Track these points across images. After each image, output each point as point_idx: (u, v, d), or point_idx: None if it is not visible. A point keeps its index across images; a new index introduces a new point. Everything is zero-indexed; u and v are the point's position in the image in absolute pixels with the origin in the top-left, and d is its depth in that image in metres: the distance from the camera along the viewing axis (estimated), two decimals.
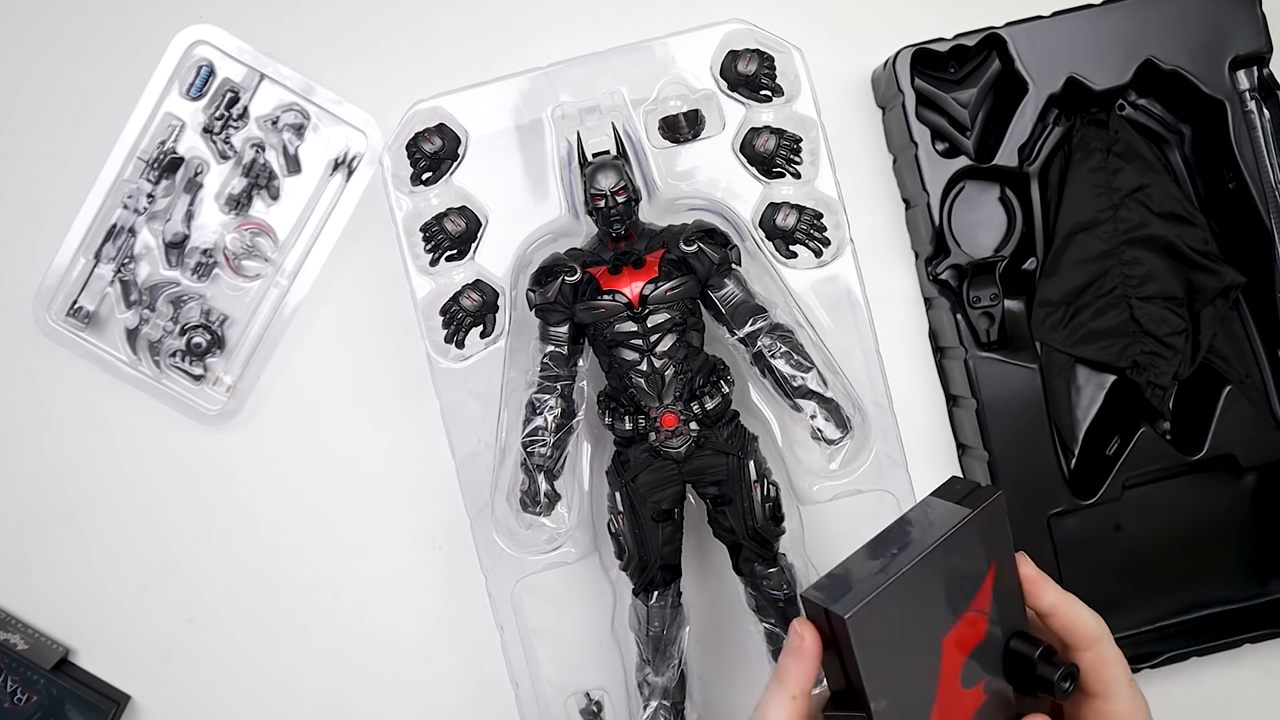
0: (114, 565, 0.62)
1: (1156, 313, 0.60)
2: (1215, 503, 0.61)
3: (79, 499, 0.62)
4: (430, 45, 0.63)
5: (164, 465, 0.62)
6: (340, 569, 0.63)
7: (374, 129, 0.60)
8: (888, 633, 0.38)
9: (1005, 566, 0.41)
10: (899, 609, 0.38)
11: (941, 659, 0.39)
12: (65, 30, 0.63)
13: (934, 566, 0.39)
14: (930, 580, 0.39)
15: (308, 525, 0.62)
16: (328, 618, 0.63)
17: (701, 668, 0.58)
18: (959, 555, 0.39)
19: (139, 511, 0.62)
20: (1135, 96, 0.62)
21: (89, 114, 0.62)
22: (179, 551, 0.62)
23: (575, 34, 0.62)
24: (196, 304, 0.61)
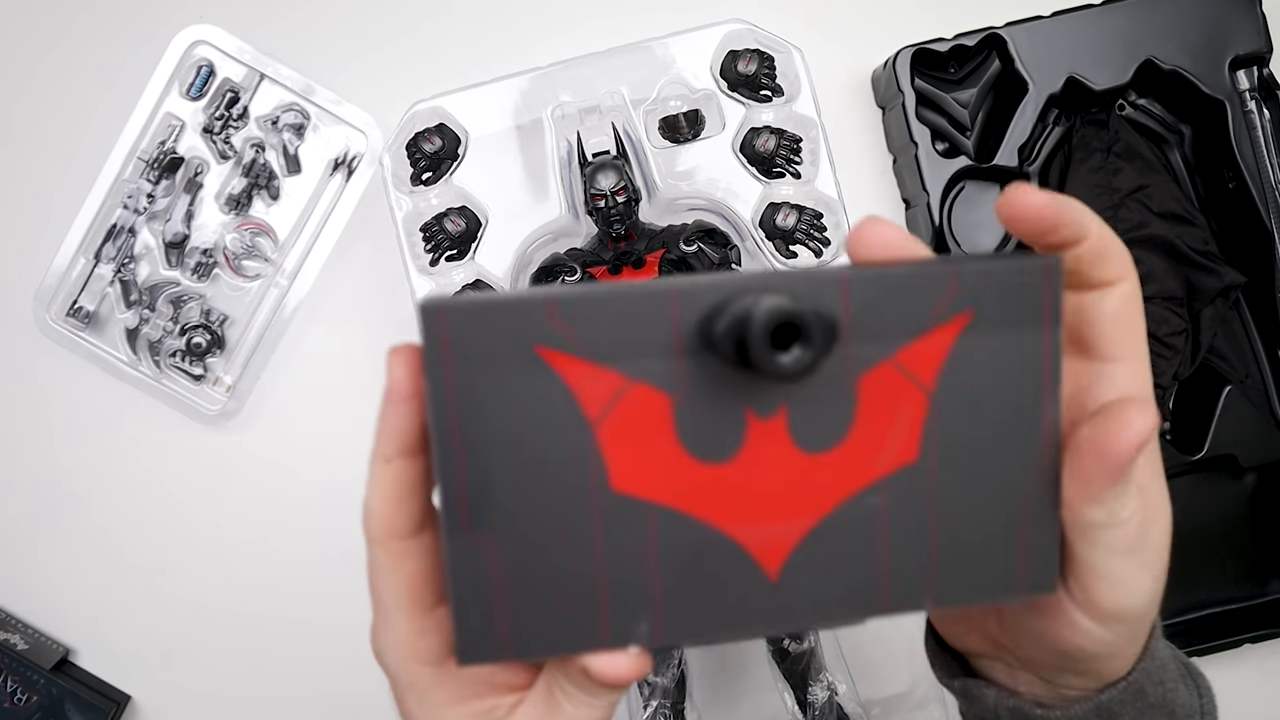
0: (114, 565, 0.62)
1: (1156, 313, 0.60)
2: (1215, 503, 0.61)
3: (79, 499, 0.62)
4: (430, 45, 0.63)
5: (164, 465, 0.62)
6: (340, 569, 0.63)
7: (374, 129, 0.60)
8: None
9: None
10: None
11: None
12: (65, 31, 0.63)
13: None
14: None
15: (308, 525, 0.62)
16: (328, 617, 0.63)
17: (701, 668, 0.58)
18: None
19: (139, 511, 0.62)
20: (1135, 96, 0.62)
21: (89, 114, 0.62)
22: (179, 551, 0.62)
23: (575, 34, 0.62)
24: (196, 304, 0.61)
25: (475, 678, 0.30)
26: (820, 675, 0.56)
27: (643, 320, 0.26)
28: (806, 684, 0.56)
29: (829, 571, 0.27)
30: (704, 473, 0.27)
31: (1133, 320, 0.30)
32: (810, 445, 0.27)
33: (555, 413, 0.26)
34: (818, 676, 0.56)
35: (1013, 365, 0.28)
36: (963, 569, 0.28)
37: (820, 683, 0.56)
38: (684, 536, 0.27)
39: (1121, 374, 0.30)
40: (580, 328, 0.26)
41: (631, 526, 0.27)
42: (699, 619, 0.27)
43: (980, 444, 0.28)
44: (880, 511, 0.27)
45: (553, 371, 0.26)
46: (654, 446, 0.26)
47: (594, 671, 0.27)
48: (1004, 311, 0.27)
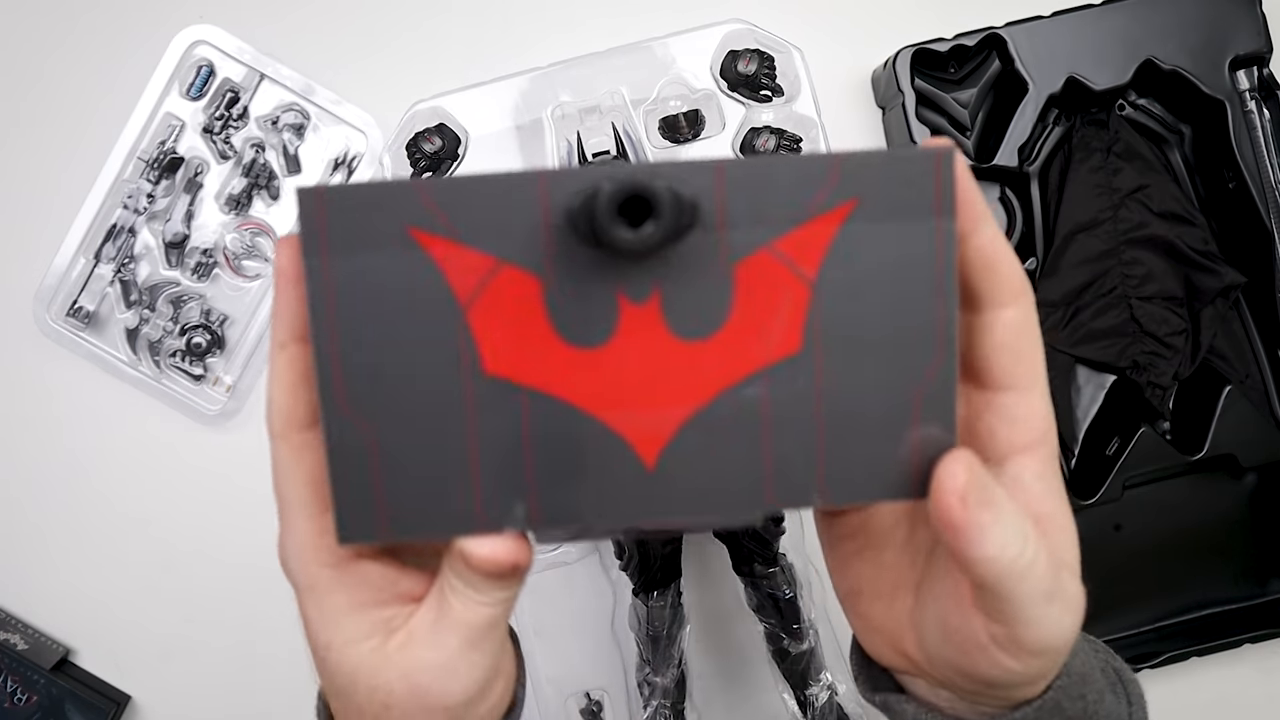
0: (114, 565, 0.62)
1: (1157, 313, 0.60)
2: (1215, 503, 0.61)
3: (78, 499, 0.62)
4: (430, 45, 0.63)
5: (164, 465, 0.62)
6: None
7: (374, 129, 0.60)
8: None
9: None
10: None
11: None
12: (66, 31, 0.63)
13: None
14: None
15: None
16: None
17: (701, 668, 0.58)
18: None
19: (139, 511, 0.62)
20: (1135, 96, 0.62)
21: (89, 114, 0.62)
22: (179, 551, 0.62)
23: (575, 34, 0.62)
24: (196, 304, 0.61)
25: (373, 583, 0.30)
26: (820, 675, 0.56)
27: (512, 203, 0.26)
28: (806, 684, 0.56)
29: (709, 462, 0.27)
30: (577, 357, 0.26)
31: (1024, 349, 0.29)
32: (686, 332, 0.26)
33: (427, 294, 0.26)
34: (817, 676, 0.56)
35: (901, 258, 0.27)
36: (852, 466, 0.27)
37: (820, 683, 0.56)
38: (558, 421, 0.27)
39: (1011, 403, 0.29)
40: (451, 210, 0.26)
41: (505, 410, 0.26)
42: (576, 504, 0.27)
43: (867, 339, 0.27)
44: (762, 402, 0.27)
45: (425, 252, 0.26)
46: (526, 330, 0.26)
47: (469, 555, 0.27)
48: (890, 202, 0.27)
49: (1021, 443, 0.29)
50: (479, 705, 0.30)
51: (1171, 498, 0.61)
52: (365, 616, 0.30)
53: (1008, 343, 0.29)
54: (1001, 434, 0.29)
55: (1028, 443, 0.29)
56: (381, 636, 0.30)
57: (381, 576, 0.30)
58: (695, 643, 0.58)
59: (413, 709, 0.29)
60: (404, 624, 0.30)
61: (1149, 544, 0.61)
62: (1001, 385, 0.29)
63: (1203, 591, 0.61)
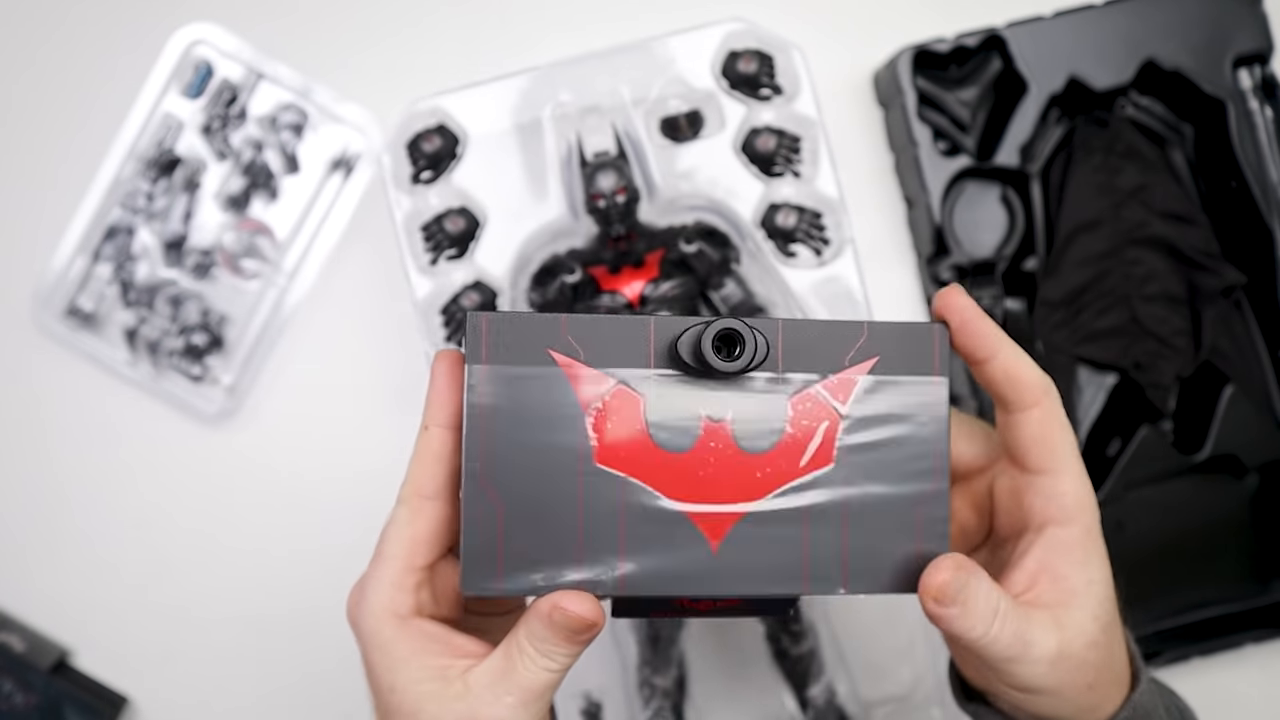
0: (112, 566, 0.62)
1: (1158, 313, 0.60)
2: (1217, 503, 0.61)
3: (77, 499, 0.62)
4: (429, 44, 0.63)
5: (162, 465, 0.62)
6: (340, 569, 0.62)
7: (373, 128, 0.60)
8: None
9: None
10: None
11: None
12: (63, 30, 0.63)
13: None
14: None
15: (307, 526, 0.62)
16: (328, 619, 0.62)
17: (701, 668, 0.58)
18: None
19: (137, 512, 0.62)
20: (1137, 96, 0.62)
21: (87, 113, 0.62)
22: (178, 552, 0.62)
23: (575, 34, 0.62)
24: (195, 304, 0.61)
25: (431, 637, 0.34)
26: (820, 676, 0.56)
27: (628, 339, 0.35)
28: (806, 684, 0.56)
29: (759, 550, 0.34)
30: (666, 459, 0.34)
31: (1051, 439, 0.36)
32: (750, 448, 0.35)
33: (559, 400, 0.34)
34: (818, 677, 0.56)
35: (908, 404, 0.35)
36: (868, 564, 0.35)
37: (820, 683, 0.56)
38: (647, 506, 0.34)
39: (1046, 484, 0.36)
40: (582, 339, 0.35)
41: (607, 493, 0.34)
42: (652, 574, 0.34)
43: (882, 462, 0.35)
44: (803, 511, 0.35)
45: (559, 370, 0.34)
46: (629, 435, 0.34)
47: (564, 607, 0.32)
48: (901, 360, 0.36)
49: (1055, 516, 0.36)
50: None
51: (1173, 498, 0.61)
52: (425, 663, 0.34)
53: (1036, 435, 0.36)
54: (1038, 508, 0.36)
55: (1060, 516, 0.36)
56: (440, 683, 0.34)
57: (439, 632, 0.35)
58: (695, 643, 0.58)
59: None
60: (460, 676, 0.34)
61: (1150, 544, 0.61)
62: (1036, 469, 0.36)
63: (1204, 592, 0.61)
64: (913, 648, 0.58)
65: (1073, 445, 0.36)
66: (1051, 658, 0.34)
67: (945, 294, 0.37)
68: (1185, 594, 0.61)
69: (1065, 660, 0.35)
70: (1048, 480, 0.36)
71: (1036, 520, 0.36)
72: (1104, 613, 0.36)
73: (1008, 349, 0.36)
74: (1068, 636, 0.35)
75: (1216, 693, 0.62)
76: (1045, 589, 0.36)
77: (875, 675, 0.58)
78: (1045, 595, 0.36)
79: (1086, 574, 0.36)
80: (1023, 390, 0.36)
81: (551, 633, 0.33)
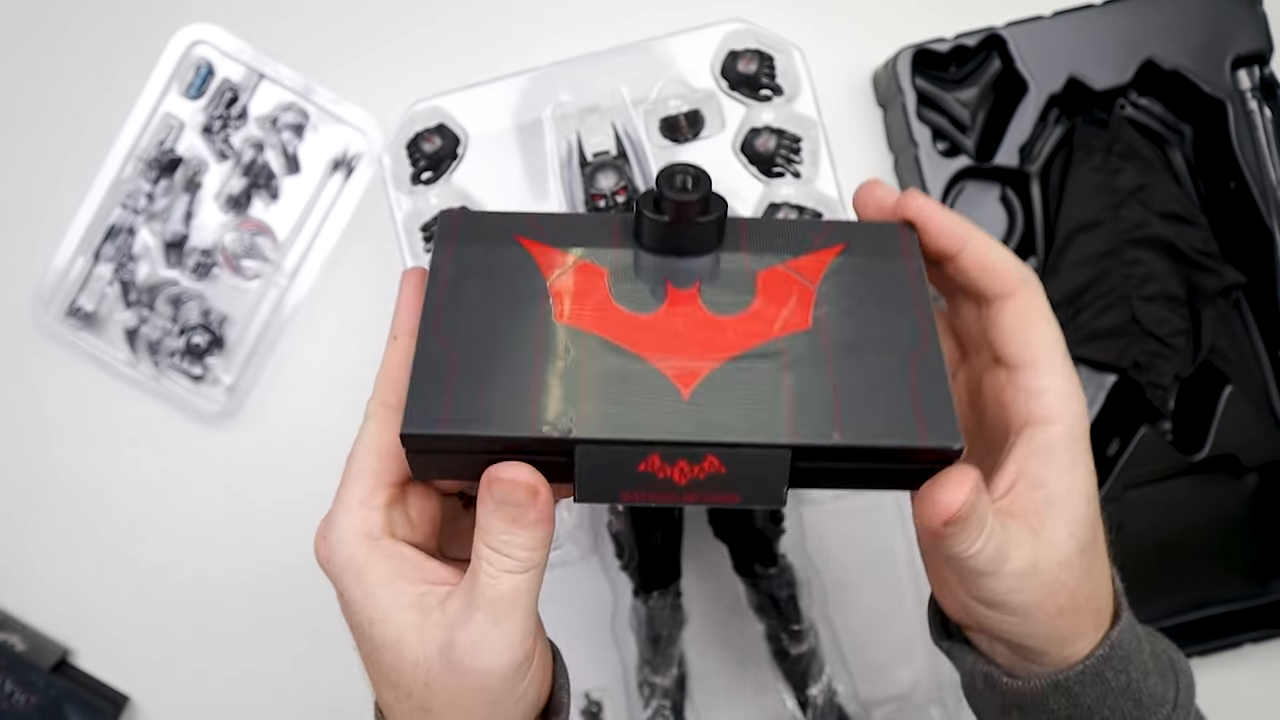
0: (113, 565, 0.62)
1: (1157, 313, 0.60)
2: (1217, 503, 0.61)
3: (77, 499, 0.62)
4: (430, 45, 0.63)
5: (163, 465, 0.62)
6: None
7: (373, 128, 0.60)
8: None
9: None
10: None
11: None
12: (64, 31, 0.63)
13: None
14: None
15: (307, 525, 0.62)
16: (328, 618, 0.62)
17: (701, 668, 0.58)
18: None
19: (138, 511, 0.62)
20: (1136, 96, 0.62)
21: (87, 113, 0.62)
22: (178, 552, 0.62)
23: (575, 34, 0.62)
24: (196, 304, 0.61)
25: (407, 559, 0.32)
26: (820, 675, 0.56)
27: (594, 228, 0.36)
28: (806, 684, 0.56)
29: (733, 397, 0.32)
30: (631, 318, 0.34)
31: (1033, 330, 0.34)
32: (718, 310, 0.34)
33: (520, 270, 0.35)
34: (818, 677, 0.56)
35: (883, 279, 0.35)
36: (864, 414, 0.31)
37: (820, 683, 0.56)
38: (610, 357, 0.32)
39: (1027, 379, 0.34)
40: (548, 227, 0.36)
41: (567, 346, 0.33)
42: (616, 418, 0.31)
43: (863, 327, 0.33)
44: (783, 356, 0.33)
45: (523, 248, 0.35)
46: (592, 298, 0.34)
47: (499, 475, 0.30)
48: (870, 249, 0.35)
49: (1036, 414, 0.33)
50: (514, 685, 0.32)
51: (1173, 498, 0.61)
52: (402, 589, 0.32)
53: (1013, 327, 0.34)
54: (1019, 406, 0.34)
55: (1041, 414, 0.33)
56: (418, 611, 0.32)
57: (414, 555, 0.33)
58: (695, 643, 0.58)
59: (452, 687, 0.31)
60: (438, 605, 0.32)
61: (1150, 544, 0.61)
62: (1016, 363, 0.34)
63: (1204, 592, 0.61)
64: (912, 648, 0.58)
65: (1057, 340, 0.34)
66: (1022, 572, 0.32)
67: (904, 197, 0.35)
68: (1185, 594, 0.61)
69: (1036, 577, 0.32)
70: (1027, 375, 0.34)
71: (1018, 420, 0.34)
72: (1082, 531, 0.33)
73: (978, 238, 0.34)
74: (1041, 552, 0.32)
75: (1216, 693, 0.62)
76: (1022, 495, 0.33)
77: (875, 675, 0.58)
78: (1022, 502, 0.33)
79: (1067, 482, 0.33)
80: (997, 279, 0.34)
81: (497, 516, 0.31)
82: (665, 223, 0.35)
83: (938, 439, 0.31)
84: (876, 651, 0.59)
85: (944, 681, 0.58)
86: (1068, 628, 0.34)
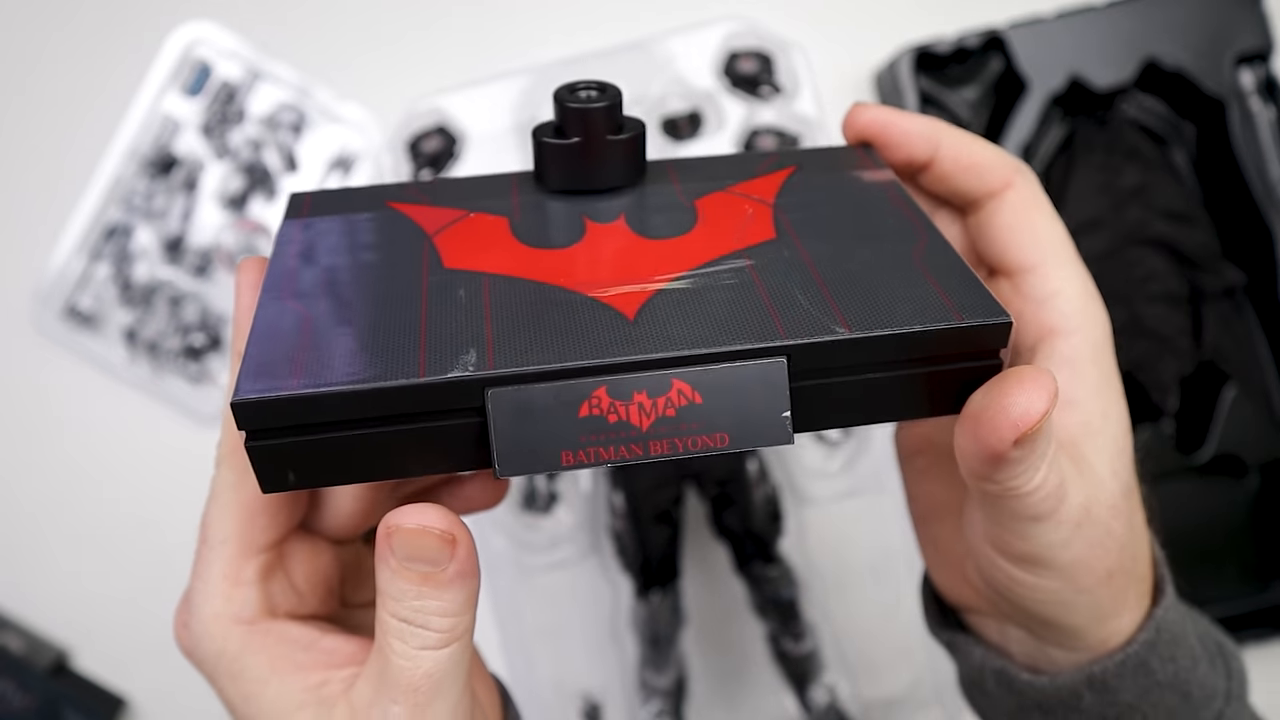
0: (111, 566, 0.62)
1: (1159, 312, 0.60)
2: (1218, 503, 0.61)
3: (75, 500, 0.62)
4: (429, 44, 0.62)
5: (161, 465, 0.62)
6: None
7: (372, 127, 0.60)
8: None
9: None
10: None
11: None
12: (61, 29, 0.62)
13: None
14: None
15: None
16: None
17: (701, 668, 0.58)
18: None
19: (136, 512, 0.62)
20: (1138, 96, 0.62)
21: (85, 113, 0.61)
22: (177, 552, 0.62)
23: (575, 33, 0.62)
24: (194, 304, 0.61)
25: (294, 641, 0.25)
26: (820, 676, 0.56)
27: (486, 182, 0.30)
28: (807, 685, 0.56)
29: (699, 309, 0.24)
30: (543, 254, 0.27)
31: (1034, 223, 0.28)
32: (653, 234, 0.27)
33: (393, 229, 0.28)
34: (818, 677, 0.56)
35: (850, 188, 0.29)
36: (871, 303, 0.24)
37: (821, 684, 0.56)
38: (523, 294, 0.25)
39: (1036, 282, 0.28)
40: (429, 190, 0.30)
41: (462, 290, 0.25)
42: (543, 349, 0.23)
43: (842, 233, 0.27)
44: (749, 267, 0.26)
45: (397, 210, 0.29)
46: (492, 241, 0.27)
47: (399, 524, 0.23)
48: (826, 166, 0.30)
49: (1052, 323, 0.27)
50: None
51: (1174, 498, 0.61)
52: (291, 682, 0.25)
53: (1013, 222, 0.28)
54: (1029, 316, 0.28)
55: (1059, 323, 0.27)
56: (317, 709, 0.25)
57: (304, 635, 0.26)
58: (695, 643, 0.57)
59: None
60: (343, 695, 0.25)
61: None
62: (1021, 265, 0.28)
63: (1205, 592, 0.61)
64: (913, 648, 0.58)
65: (1064, 236, 0.28)
66: (1076, 518, 0.26)
67: (851, 113, 0.29)
68: (1185, 594, 0.61)
69: (1089, 526, 0.26)
70: (1035, 278, 0.28)
71: (1030, 334, 0.28)
72: (1124, 468, 0.27)
73: (951, 134, 0.28)
74: (1090, 491, 0.26)
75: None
76: (1053, 420, 0.25)
77: (875, 675, 0.58)
78: (1055, 430, 0.26)
79: (1101, 403, 0.27)
80: (985, 173, 0.28)
81: (403, 578, 0.23)
82: (571, 146, 0.28)
83: (980, 315, 0.24)
84: (876, 651, 0.59)
85: (944, 682, 0.58)
86: (1110, 598, 0.27)
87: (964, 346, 0.24)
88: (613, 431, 0.23)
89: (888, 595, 0.59)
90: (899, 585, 0.58)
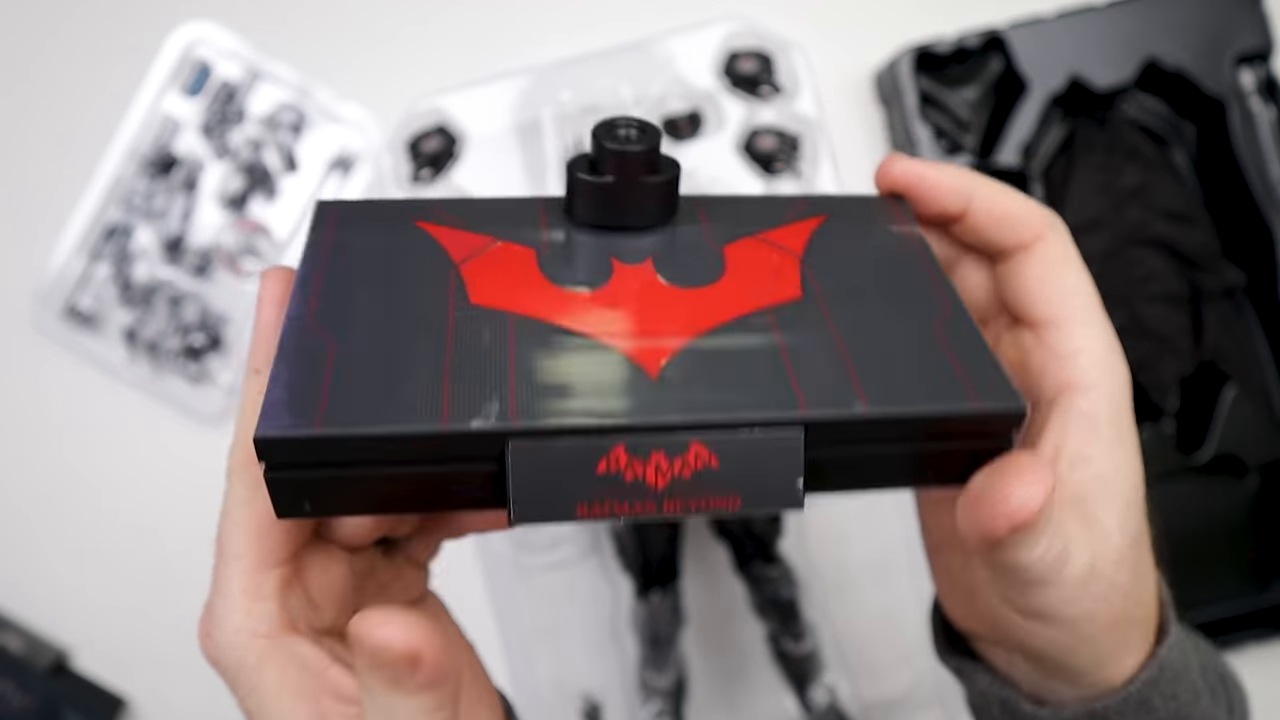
0: (111, 566, 0.62)
1: (1159, 312, 0.60)
2: (1218, 503, 0.61)
3: (75, 500, 0.62)
4: (429, 44, 0.62)
5: (161, 466, 0.62)
6: None
7: (372, 127, 0.60)
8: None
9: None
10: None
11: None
12: (60, 29, 0.62)
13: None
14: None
15: None
16: None
17: (701, 668, 0.58)
18: None
19: (135, 512, 0.62)
20: (1138, 96, 0.62)
21: (85, 112, 0.61)
22: (176, 553, 0.62)
23: (575, 33, 0.62)
24: (194, 304, 0.61)
25: (306, 664, 0.26)
26: (821, 676, 0.56)
27: (513, 208, 0.30)
28: (807, 686, 0.56)
29: (722, 372, 0.25)
30: (570, 296, 0.27)
31: (1062, 279, 0.28)
32: (680, 282, 0.27)
33: (420, 254, 0.28)
34: (818, 678, 0.56)
35: (879, 245, 0.29)
36: (890, 381, 0.25)
37: (821, 684, 0.56)
38: (547, 341, 0.25)
39: (1059, 338, 0.28)
40: (456, 211, 0.29)
41: (487, 333, 0.25)
42: (564, 403, 0.23)
43: (867, 295, 0.27)
44: (772, 327, 0.26)
45: (425, 232, 0.28)
46: (518, 278, 0.27)
47: (363, 634, 0.22)
48: (856, 217, 0.30)
49: (1072, 379, 0.28)
50: None
51: (1174, 498, 0.61)
52: (300, 705, 0.26)
53: (1042, 275, 0.28)
54: (1050, 371, 0.28)
55: (1078, 379, 0.28)
56: None
57: (317, 660, 0.26)
58: (695, 643, 0.57)
59: None
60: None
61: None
62: (1046, 319, 0.28)
63: (1204, 592, 0.61)
64: (913, 649, 0.58)
65: (1091, 291, 0.28)
66: (1081, 578, 0.26)
67: (884, 166, 0.30)
68: (1185, 594, 0.61)
69: (1094, 582, 0.26)
70: (1059, 334, 0.28)
71: (1050, 387, 0.28)
72: (1133, 521, 0.27)
73: (984, 187, 0.29)
74: (1097, 548, 0.26)
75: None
76: (1065, 476, 0.27)
77: (875, 675, 0.58)
78: (1066, 485, 0.27)
79: (1114, 459, 0.27)
80: (1017, 225, 0.29)
81: (373, 677, 0.23)
82: (606, 185, 0.28)
83: (995, 401, 0.24)
84: (877, 652, 0.59)
85: (945, 682, 0.58)
86: (1114, 643, 0.28)
87: (977, 428, 0.25)
88: (628, 489, 0.23)
89: (888, 595, 0.58)
90: (899, 585, 0.58)
